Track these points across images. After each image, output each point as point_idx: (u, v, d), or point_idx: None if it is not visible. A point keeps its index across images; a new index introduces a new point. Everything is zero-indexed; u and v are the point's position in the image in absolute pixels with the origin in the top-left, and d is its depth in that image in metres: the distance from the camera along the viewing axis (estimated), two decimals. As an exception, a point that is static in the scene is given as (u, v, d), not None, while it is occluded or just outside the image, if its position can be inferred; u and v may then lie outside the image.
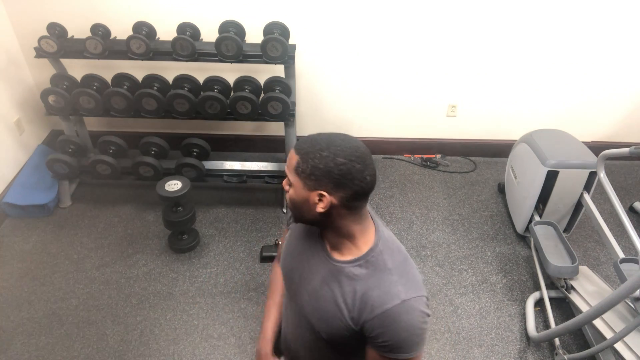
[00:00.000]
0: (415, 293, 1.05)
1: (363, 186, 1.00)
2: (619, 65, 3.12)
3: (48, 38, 2.61)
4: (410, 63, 3.12)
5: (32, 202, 2.88)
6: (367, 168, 1.00)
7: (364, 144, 1.05)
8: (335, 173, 0.98)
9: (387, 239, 1.11)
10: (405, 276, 1.06)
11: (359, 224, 1.08)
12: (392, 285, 1.03)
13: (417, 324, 1.03)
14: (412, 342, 1.04)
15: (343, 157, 0.99)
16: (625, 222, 2.07)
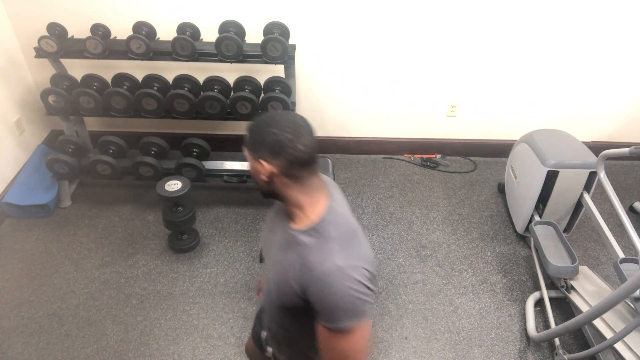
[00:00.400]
0: (354, 262, 1.07)
1: (297, 155, 1.08)
2: (619, 65, 3.12)
3: (48, 38, 2.61)
4: (410, 63, 3.12)
5: (32, 202, 2.88)
6: (299, 138, 1.08)
7: (307, 121, 1.13)
8: (268, 142, 1.08)
9: (337, 212, 1.16)
10: (347, 247, 1.10)
11: (306, 194, 1.14)
12: (331, 252, 1.07)
13: (350, 291, 1.04)
14: (345, 310, 1.05)
15: (276, 128, 1.08)
16: (625, 222, 2.07)
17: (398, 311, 2.46)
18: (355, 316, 1.06)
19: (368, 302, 1.07)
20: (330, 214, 1.14)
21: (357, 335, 1.08)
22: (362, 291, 1.06)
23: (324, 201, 1.16)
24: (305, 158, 1.09)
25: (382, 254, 2.77)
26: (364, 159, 3.53)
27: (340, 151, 3.55)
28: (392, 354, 2.27)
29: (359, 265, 1.08)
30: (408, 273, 2.66)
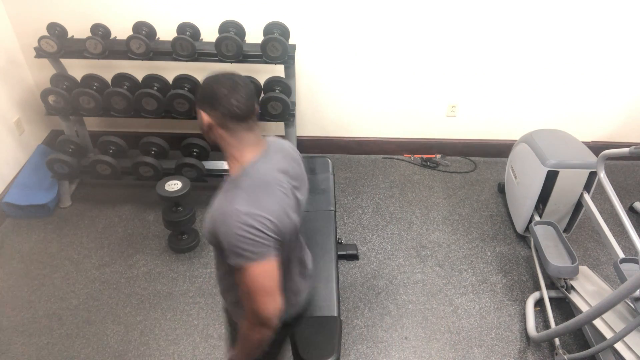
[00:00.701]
0: (253, 210, 1.16)
1: (230, 109, 1.20)
2: (619, 66, 3.12)
3: (48, 38, 2.61)
4: (410, 63, 3.12)
5: (32, 202, 2.88)
6: (233, 94, 1.20)
7: (247, 82, 1.26)
8: (207, 95, 1.22)
9: (258, 168, 1.26)
10: (252, 196, 1.19)
11: (237, 148, 1.26)
12: (235, 198, 1.18)
13: (241, 232, 1.14)
14: (235, 250, 1.16)
15: (216, 83, 1.22)
16: (625, 222, 2.07)
17: (398, 311, 2.46)
18: (245, 257, 1.16)
19: (263, 245, 1.17)
20: (251, 168, 1.25)
21: (252, 274, 1.18)
22: (255, 235, 1.15)
23: (251, 156, 1.27)
24: (237, 112, 1.21)
25: (382, 254, 2.77)
26: (364, 159, 3.54)
27: (340, 151, 3.55)
28: (392, 354, 2.27)
29: (258, 214, 1.16)
30: (408, 273, 2.66)
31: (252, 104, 1.25)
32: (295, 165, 1.39)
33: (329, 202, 2.28)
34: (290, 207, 1.27)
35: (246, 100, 1.22)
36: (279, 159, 1.33)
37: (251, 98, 1.24)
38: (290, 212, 1.27)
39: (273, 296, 1.22)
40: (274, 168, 1.29)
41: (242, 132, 1.25)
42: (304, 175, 1.43)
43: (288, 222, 1.25)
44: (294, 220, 1.29)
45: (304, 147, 3.49)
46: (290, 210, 1.27)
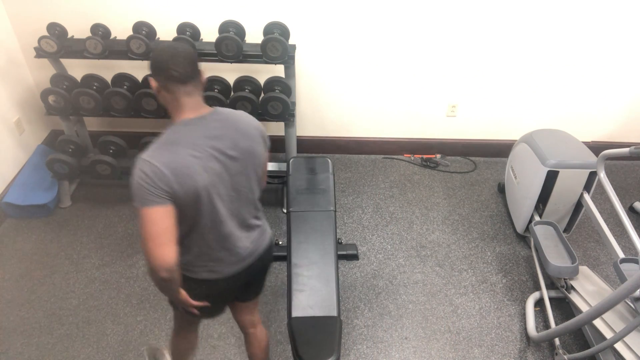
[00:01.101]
0: (152, 161, 1.30)
1: (169, 73, 1.34)
2: (619, 66, 3.12)
3: (48, 38, 2.61)
4: (410, 63, 3.12)
5: (32, 202, 2.88)
6: (172, 61, 1.34)
7: (188, 50, 1.38)
8: (152, 63, 1.37)
9: (180, 129, 1.38)
10: (159, 149, 1.33)
11: (176, 109, 1.40)
12: (148, 149, 1.34)
13: (137, 179, 1.29)
14: (133, 192, 1.30)
15: (159, 52, 1.36)
16: (625, 222, 2.07)
17: (398, 311, 2.46)
18: (137, 200, 1.30)
19: (151, 192, 1.28)
20: (174, 127, 1.39)
21: (142, 218, 1.30)
22: (146, 181, 1.28)
23: (184, 118, 1.40)
24: (175, 76, 1.34)
25: (382, 254, 2.77)
26: (364, 159, 3.54)
27: (340, 151, 3.55)
28: (392, 354, 2.27)
29: (153, 164, 1.29)
30: (408, 273, 2.66)
31: (191, 71, 1.37)
32: (239, 137, 1.44)
33: (329, 202, 2.28)
34: (200, 171, 1.35)
35: (184, 66, 1.35)
36: (214, 126, 1.41)
37: (190, 65, 1.36)
38: (196, 175, 1.33)
39: (159, 245, 1.29)
40: (199, 132, 1.38)
41: (182, 95, 1.37)
42: (255, 151, 1.48)
43: (189, 182, 1.32)
44: (199, 183, 1.34)
45: (304, 147, 3.49)
46: (197, 174, 1.34)
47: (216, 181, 1.39)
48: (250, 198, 1.54)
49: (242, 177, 1.47)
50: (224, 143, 1.40)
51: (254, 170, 1.50)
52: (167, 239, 1.30)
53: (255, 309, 1.88)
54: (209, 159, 1.37)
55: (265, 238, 1.67)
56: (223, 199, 1.44)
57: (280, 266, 2.68)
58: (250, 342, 1.90)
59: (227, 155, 1.40)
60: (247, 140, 1.46)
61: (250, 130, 1.48)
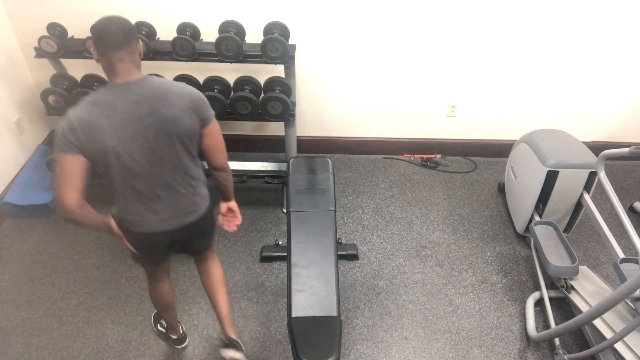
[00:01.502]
0: (70, 116, 1.47)
1: (102, 41, 1.47)
2: (619, 66, 3.12)
3: (48, 38, 2.61)
4: (410, 63, 3.12)
5: (32, 202, 2.88)
6: (106, 30, 1.47)
7: (119, 22, 1.50)
8: (91, 31, 1.51)
9: (103, 92, 1.51)
10: (81, 106, 1.48)
11: (108, 73, 1.53)
12: (76, 105, 1.50)
13: (58, 126, 1.48)
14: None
15: (96, 24, 1.50)
16: (625, 222, 2.07)
17: (398, 311, 2.46)
18: (54, 146, 1.47)
19: (61, 142, 1.46)
20: (102, 89, 1.52)
21: (55, 161, 1.48)
22: (61, 132, 1.46)
23: (112, 82, 1.52)
24: (107, 43, 1.46)
25: (382, 254, 2.77)
26: (364, 159, 3.54)
27: (340, 151, 3.55)
28: (392, 354, 2.27)
29: (70, 117, 1.46)
30: (408, 273, 2.66)
31: (124, 38, 1.49)
32: (161, 105, 1.53)
33: (329, 202, 2.27)
34: (110, 131, 1.48)
35: (117, 34, 1.47)
36: (137, 92, 1.51)
37: (123, 33, 1.49)
38: (104, 134, 1.47)
39: (62, 188, 1.47)
40: (120, 96, 1.50)
41: (114, 62, 1.49)
42: (179, 119, 1.55)
43: (97, 140, 1.47)
44: (107, 142, 1.48)
45: (304, 147, 3.49)
46: (106, 133, 1.47)
47: (127, 142, 1.51)
48: (176, 165, 1.63)
49: (162, 142, 1.56)
50: (141, 108, 1.50)
51: (180, 138, 1.58)
52: (70, 185, 1.48)
53: (204, 258, 2.03)
54: (122, 121, 1.49)
55: (197, 208, 1.75)
56: (136, 159, 1.55)
57: (280, 266, 2.68)
58: (201, 276, 2.08)
59: (144, 120, 1.51)
60: (169, 108, 1.53)
61: (176, 99, 1.55)
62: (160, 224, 1.70)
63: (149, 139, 1.53)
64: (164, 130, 1.54)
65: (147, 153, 1.55)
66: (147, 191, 1.63)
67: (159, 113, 1.52)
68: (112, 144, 1.49)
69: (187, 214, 1.73)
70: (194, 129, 1.61)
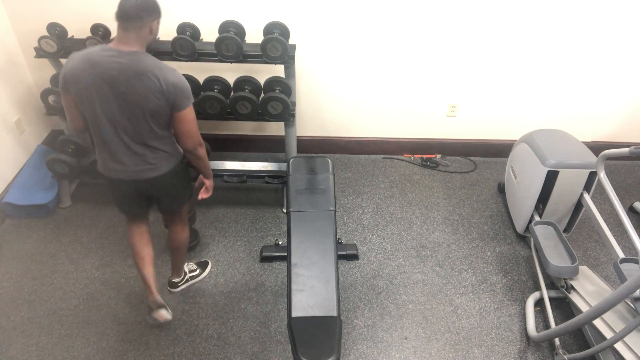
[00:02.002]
0: (66, 61, 1.79)
1: (118, 10, 1.72)
2: (619, 66, 3.12)
3: (48, 38, 2.61)
4: (410, 63, 3.12)
5: (32, 202, 2.88)
6: (121, 4, 1.71)
7: (140, 2, 1.72)
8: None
9: (99, 52, 1.75)
10: (76, 56, 1.77)
11: (115, 38, 1.78)
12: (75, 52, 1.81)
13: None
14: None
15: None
16: (625, 222, 2.07)
17: (398, 311, 2.46)
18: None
19: (59, 83, 1.80)
20: (98, 47, 1.77)
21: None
22: (60, 75, 1.79)
23: (110, 45, 1.76)
24: (118, 14, 1.72)
25: (382, 254, 2.77)
26: (364, 159, 3.54)
27: (340, 151, 3.55)
28: (392, 354, 2.27)
29: (65, 66, 1.77)
30: (408, 273, 2.66)
31: (135, 14, 1.71)
32: (134, 80, 1.73)
33: (329, 202, 2.27)
34: (87, 83, 1.74)
35: (130, 8, 1.70)
36: (120, 61, 1.73)
37: (135, 9, 1.71)
38: (82, 83, 1.74)
39: (67, 115, 1.89)
40: (107, 59, 1.73)
41: (119, 29, 1.74)
42: (146, 98, 1.75)
43: (76, 86, 1.76)
44: (82, 91, 1.76)
45: (304, 147, 3.49)
46: (83, 83, 1.74)
47: (97, 96, 1.76)
48: (138, 132, 1.85)
49: (127, 110, 1.79)
50: (120, 75, 1.72)
51: (144, 113, 1.79)
52: (70, 114, 1.87)
53: (171, 219, 2.29)
54: (99, 79, 1.73)
55: (154, 168, 1.96)
56: (105, 111, 1.79)
57: (280, 266, 2.68)
58: (168, 235, 2.37)
59: (117, 86, 1.73)
60: (141, 85, 1.73)
61: (150, 80, 1.73)
62: (123, 173, 1.94)
63: (118, 102, 1.77)
64: (132, 101, 1.76)
65: (115, 110, 1.79)
66: (111, 144, 1.87)
67: (132, 86, 1.73)
68: (86, 93, 1.76)
69: (145, 170, 1.95)
70: (160, 111, 1.80)
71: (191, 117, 1.87)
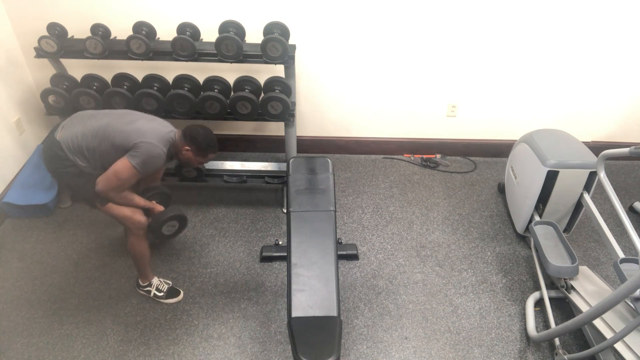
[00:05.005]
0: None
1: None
2: (619, 66, 3.12)
3: (48, 38, 2.61)
4: (410, 63, 3.12)
5: (32, 202, 2.88)
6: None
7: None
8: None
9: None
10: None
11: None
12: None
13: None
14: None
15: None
16: (625, 222, 2.07)
17: (398, 311, 2.46)
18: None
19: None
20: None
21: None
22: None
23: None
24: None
25: (382, 254, 2.77)
26: (364, 159, 3.54)
27: (341, 151, 3.55)
28: (392, 354, 2.27)
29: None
30: (408, 273, 2.66)
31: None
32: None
33: (329, 202, 2.27)
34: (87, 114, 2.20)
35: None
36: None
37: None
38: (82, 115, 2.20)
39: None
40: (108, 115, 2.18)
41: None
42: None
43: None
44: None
45: (304, 147, 3.49)
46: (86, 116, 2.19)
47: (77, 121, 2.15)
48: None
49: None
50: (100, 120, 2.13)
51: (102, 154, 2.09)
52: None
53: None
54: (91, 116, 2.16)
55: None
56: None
57: (280, 266, 2.68)
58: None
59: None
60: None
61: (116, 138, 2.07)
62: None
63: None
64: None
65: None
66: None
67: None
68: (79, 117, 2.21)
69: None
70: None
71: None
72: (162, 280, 2.51)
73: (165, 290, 2.47)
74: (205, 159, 2.26)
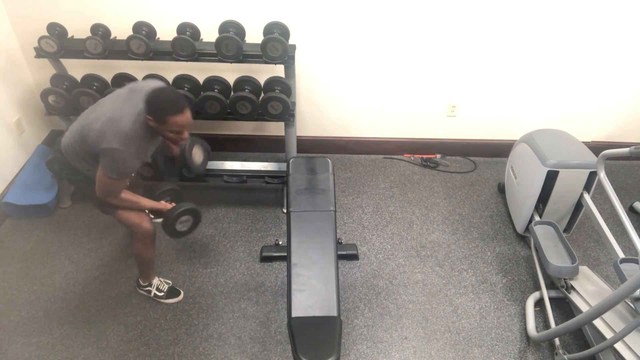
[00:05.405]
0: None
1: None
2: (619, 66, 3.12)
3: (48, 38, 2.61)
4: (410, 63, 3.12)
5: (32, 202, 2.88)
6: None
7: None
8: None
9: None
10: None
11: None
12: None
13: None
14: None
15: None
16: (625, 222, 2.07)
17: (398, 311, 2.46)
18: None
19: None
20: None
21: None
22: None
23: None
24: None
25: (382, 254, 2.77)
26: (364, 159, 3.54)
27: (340, 151, 3.55)
28: (392, 354, 2.27)
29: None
30: (408, 273, 2.66)
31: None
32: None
33: (329, 202, 2.27)
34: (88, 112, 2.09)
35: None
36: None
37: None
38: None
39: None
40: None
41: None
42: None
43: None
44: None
45: (304, 147, 3.49)
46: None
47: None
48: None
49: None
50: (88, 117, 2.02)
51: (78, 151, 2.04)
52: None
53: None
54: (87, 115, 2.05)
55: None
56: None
57: (280, 266, 2.68)
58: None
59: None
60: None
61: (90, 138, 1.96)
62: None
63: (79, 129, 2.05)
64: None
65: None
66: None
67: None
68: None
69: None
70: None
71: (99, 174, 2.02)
72: (163, 280, 2.51)
73: (166, 290, 2.47)
74: (168, 125, 1.86)
